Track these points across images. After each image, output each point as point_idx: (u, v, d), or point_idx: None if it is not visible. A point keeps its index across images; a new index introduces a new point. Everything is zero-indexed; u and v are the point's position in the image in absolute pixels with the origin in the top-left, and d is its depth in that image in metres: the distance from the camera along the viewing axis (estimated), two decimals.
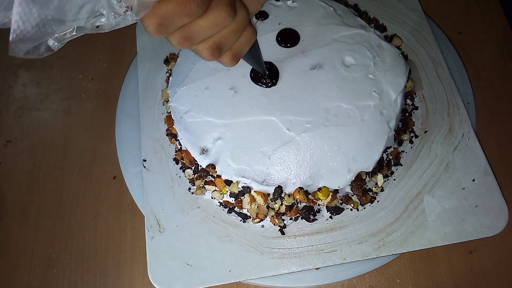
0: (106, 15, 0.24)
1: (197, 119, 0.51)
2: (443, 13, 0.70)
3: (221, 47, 0.33)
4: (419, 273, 0.53)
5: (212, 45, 0.32)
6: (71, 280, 0.55)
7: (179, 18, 0.28)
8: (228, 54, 0.35)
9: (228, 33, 0.32)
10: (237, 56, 0.35)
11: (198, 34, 0.30)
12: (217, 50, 0.32)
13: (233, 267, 0.49)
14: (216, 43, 0.32)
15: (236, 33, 0.32)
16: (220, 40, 0.32)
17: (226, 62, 0.35)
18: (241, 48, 0.35)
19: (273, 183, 0.48)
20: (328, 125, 0.48)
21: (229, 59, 0.35)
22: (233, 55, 0.35)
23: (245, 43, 0.35)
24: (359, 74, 0.51)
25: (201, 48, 0.32)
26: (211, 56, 0.33)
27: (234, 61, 0.36)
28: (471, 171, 0.52)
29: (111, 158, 0.61)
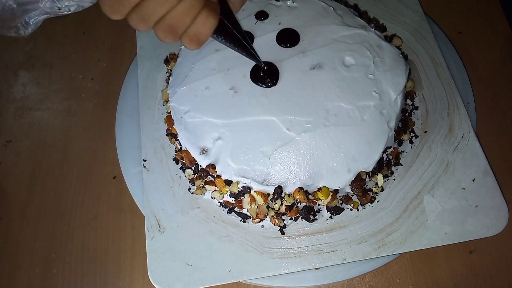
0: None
1: (197, 119, 0.51)
2: (443, 13, 0.70)
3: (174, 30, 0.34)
4: (419, 273, 0.53)
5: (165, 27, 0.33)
6: (71, 280, 0.55)
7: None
8: (185, 37, 0.35)
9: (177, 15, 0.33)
10: (196, 39, 0.36)
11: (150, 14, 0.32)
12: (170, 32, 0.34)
13: (233, 267, 0.49)
14: (167, 25, 0.33)
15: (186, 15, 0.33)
16: (170, 21, 0.33)
17: (185, 44, 0.36)
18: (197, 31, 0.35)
19: (273, 183, 0.48)
20: (328, 125, 0.48)
21: (188, 42, 0.36)
22: (190, 38, 0.36)
23: (202, 26, 0.35)
24: (359, 74, 0.51)
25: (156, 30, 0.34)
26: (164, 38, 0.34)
27: (193, 43, 0.36)
28: (471, 171, 0.52)
29: (111, 158, 0.61)
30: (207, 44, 0.55)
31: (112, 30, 0.73)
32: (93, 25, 0.74)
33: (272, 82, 0.50)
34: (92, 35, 0.73)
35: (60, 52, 0.72)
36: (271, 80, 0.50)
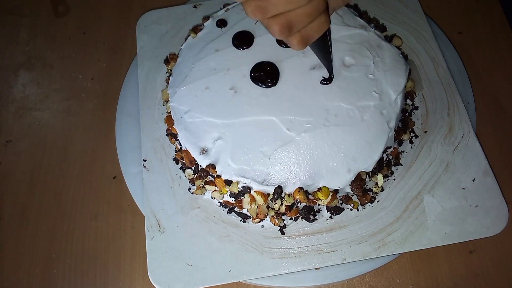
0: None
1: (197, 119, 0.51)
2: (443, 13, 0.70)
3: (291, 27, 0.33)
4: (419, 273, 0.53)
5: (283, 22, 0.33)
6: (71, 280, 0.55)
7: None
8: (297, 36, 0.35)
9: (301, 14, 0.32)
10: (305, 40, 0.36)
11: (273, 7, 0.31)
12: (287, 28, 0.33)
13: (233, 267, 0.49)
14: (288, 21, 0.33)
15: (308, 16, 0.33)
16: (291, 19, 0.32)
17: (293, 43, 0.36)
18: (311, 33, 0.35)
19: (273, 183, 0.48)
20: (328, 125, 0.48)
21: (297, 41, 0.36)
22: (301, 38, 0.35)
23: (315, 29, 0.35)
24: (359, 74, 0.51)
25: (272, 23, 0.33)
26: (279, 33, 0.33)
27: (302, 44, 0.36)
28: (471, 171, 0.52)
29: (111, 158, 0.61)
30: (207, 44, 0.55)
31: (112, 30, 0.73)
32: (93, 25, 0.74)
33: (272, 82, 0.50)
34: (92, 35, 0.73)
35: (60, 52, 0.72)
36: (271, 80, 0.50)
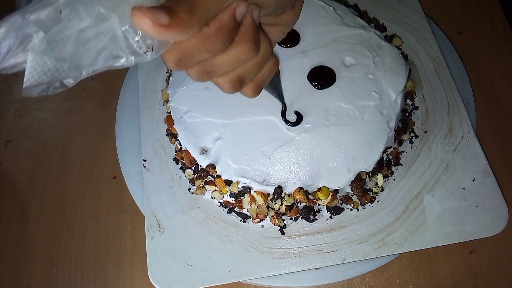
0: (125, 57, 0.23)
1: (197, 119, 0.51)
2: (443, 13, 0.70)
3: (242, 80, 0.31)
4: (419, 273, 0.53)
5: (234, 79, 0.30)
6: (71, 280, 0.55)
7: (200, 54, 0.26)
8: (251, 86, 0.33)
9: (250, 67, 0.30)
10: (259, 87, 0.34)
11: (219, 69, 0.29)
12: (239, 83, 0.31)
13: (233, 267, 0.49)
14: (238, 76, 0.30)
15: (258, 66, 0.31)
16: (241, 73, 0.30)
17: (248, 93, 0.34)
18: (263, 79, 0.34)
19: (273, 183, 0.48)
20: (328, 125, 0.48)
21: (251, 91, 0.34)
22: (256, 87, 0.33)
23: (267, 74, 0.34)
24: (359, 74, 0.51)
25: (221, 82, 0.31)
26: (232, 90, 0.31)
27: (256, 92, 0.34)
28: (471, 171, 0.52)
29: (111, 158, 0.61)
30: None
31: None
32: None
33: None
34: None
35: None
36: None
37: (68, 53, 0.22)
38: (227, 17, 0.26)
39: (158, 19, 0.21)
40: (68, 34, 0.21)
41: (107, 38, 0.22)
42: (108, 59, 0.23)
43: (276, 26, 0.35)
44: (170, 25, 0.22)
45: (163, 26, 0.22)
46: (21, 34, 0.20)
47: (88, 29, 0.21)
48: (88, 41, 0.22)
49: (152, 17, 0.21)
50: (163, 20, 0.22)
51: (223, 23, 0.25)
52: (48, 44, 0.21)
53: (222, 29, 0.26)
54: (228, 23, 0.26)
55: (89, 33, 0.21)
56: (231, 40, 0.27)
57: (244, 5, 0.26)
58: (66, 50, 0.21)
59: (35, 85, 0.22)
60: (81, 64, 0.22)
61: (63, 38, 0.21)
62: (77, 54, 0.22)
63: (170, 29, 0.22)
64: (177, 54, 0.26)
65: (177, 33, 0.23)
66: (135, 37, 0.22)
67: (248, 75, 0.31)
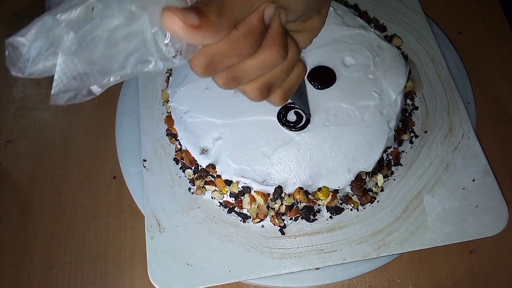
0: (154, 61, 0.23)
1: (197, 119, 0.51)
2: (443, 13, 0.70)
3: (270, 87, 0.30)
4: (419, 273, 0.53)
5: (262, 85, 0.29)
6: (71, 280, 0.55)
7: (228, 58, 0.26)
8: (279, 93, 0.32)
9: (278, 72, 0.29)
10: (287, 95, 0.33)
11: (246, 75, 0.28)
12: (267, 90, 0.30)
13: (233, 267, 0.49)
14: (266, 83, 0.29)
15: (287, 71, 0.30)
16: (270, 79, 0.29)
17: (275, 101, 0.32)
18: (291, 85, 0.32)
19: (273, 183, 0.48)
20: (328, 125, 0.48)
21: (279, 98, 0.32)
22: (284, 94, 0.32)
23: (295, 81, 0.32)
24: (359, 74, 0.51)
25: (249, 89, 0.30)
26: (260, 97, 0.30)
27: (284, 100, 0.33)
28: (471, 171, 0.52)
29: (111, 158, 0.61)
30: None
31: None
32: None
33: None
34: None
35: None
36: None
37: (98, 55, 0.21)
38: (255, 19, 0.25)
39: (188, 20, 0.21)
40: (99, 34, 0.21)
41: (137, 40, 0.21)
42: (137, 64, 0.22)
43: (303, 33, 0.34)
44: (201, 26, 0.21)
45: (193, 27, 0.21)
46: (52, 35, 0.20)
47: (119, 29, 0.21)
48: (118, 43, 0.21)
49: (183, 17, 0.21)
50: (193, 21, 0.21)
51: (251, 25, 0.25)
52: (78, 45, 0.20)
53: (251, 32, 0.25)
54: (257, 25, 0.25)
55: (120, 34, 0.21)
56: (260, 43, 0.26)
57: (273, 7, 0.26)
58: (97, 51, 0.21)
59: (63, 91, 0.21)
60: (110, 68, 0.22)
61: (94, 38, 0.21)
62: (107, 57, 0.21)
63: (200, 31, 0.22)
64: (206, 59, 0.25)
65: (207, 34, 0.22)
66: (164, 40, 0.22)
67: (276, 81, 0.30)
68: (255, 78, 0.29)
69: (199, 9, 0.22)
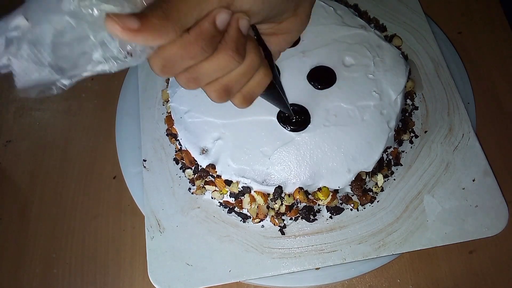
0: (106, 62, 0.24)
1: (197, 119, 0.51)
2: (443, 13, 0.70)
3: (229, 90, 0.31)
4: (419, 273, 0.53)
5: (219, 88, 0.31)
6: (71, 280, 0.55)
7: (182, 60, 0.27)
8: (238, 97, 0.33)
9: (235, 76, 0.31)
10: (248, 99, 0.34)
11: (203, 76, 0.29)
12: (225, 92, 0.31)
13: (233, 267, 0.49)
14: (224, 86, 0.31)
15: (245, 75, 0.31)
16: (227, 83, 0.31)
17: (236, 104, 0.34)
18: (252, 90, 0.33)
19: (273, 183, 0.48)
20: (328, 125, 0.48)
21: (239, 101, 0.34)
22: (243, 98, 0.33)
23: (256, 85, 0.33)
24: (359, 74, 0.51)
25: (209, 90, 0.31)
26: (218, 99, 0.32)
27: (245, 103, 0.34)
28: (471, 171, 0.52)
29: (111, 158, 0.61)
30: None
31: None
32: None
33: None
34: None
35: None
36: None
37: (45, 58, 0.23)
38: (207, 24, 0.26)
39: (127, 24, 0.23)
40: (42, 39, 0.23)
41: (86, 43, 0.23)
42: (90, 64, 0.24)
43: (278, 36, 0.35)
44: (140, 30, 0.23)
45: (132, 30, 0.23)
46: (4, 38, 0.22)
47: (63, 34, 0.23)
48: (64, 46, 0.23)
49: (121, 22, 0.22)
50: (132, 25, 0.23)
51: (203, 29, 0.26)
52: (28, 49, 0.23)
53: (202, 36, 0.26)
54: (208, 30, 0.26)
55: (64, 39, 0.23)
56: (213, 47, 0.27)
57: (225, 12, 0.27)
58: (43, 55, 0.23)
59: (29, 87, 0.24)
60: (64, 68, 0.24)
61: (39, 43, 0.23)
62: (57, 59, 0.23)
63: (141, 33, 0.23)
64: (161, 61, 0.27)
65: (149, 37, 0.24)
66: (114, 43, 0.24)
67: (234, 85, 0.31)
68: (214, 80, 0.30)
69: (141, 14, 0.23)
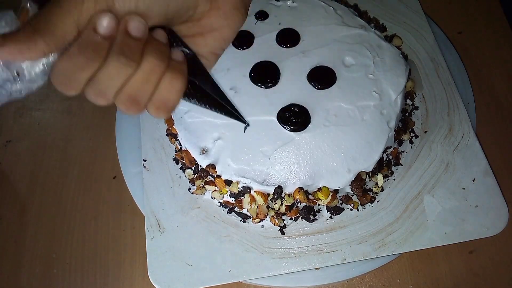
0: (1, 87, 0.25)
1: (197, 119, 0.51)
2: (443, 13, 0.70)
3: (135, 100, 0.29)
4: (419, 273, 0.53)
5: (124, 98, 0.28)
6: (71, 280, 0.55)
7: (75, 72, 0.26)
8: (151, 107, 0.30)
9: (136, 83, 0.28)
10: (163, 108, 0.30)
11: (105, 87, 0.27)
12: (131, 103, 0.29)
13: (233, 267, 0.49)
14: (128, 96, 0.28)
15: (146, 82, 0.28)
16: (131, 92, 0.28)
17: (152, 113, 0.31)
18: (164, 97, 0.30)
19: (273, 183, 0.48)
20: (328, 125, 0.48)
21: (153, 111, 0.30)
22: (156, 107, 0.30)
23: (167, 92, 0.30)
24: (359, 74, 0.51)
25: (118, 103, 0.29)
26: (128, 110, 0.29)
27: (161, 112, 0.31)
28: (471, 171, 0.52)
29: (111, 158, 0.61)
30: None
31: None
32: None
33: (272, 82, 0.50)
34: None
35: None
36: (271, 81, 0.50)
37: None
38: (86, 32, 0.25)
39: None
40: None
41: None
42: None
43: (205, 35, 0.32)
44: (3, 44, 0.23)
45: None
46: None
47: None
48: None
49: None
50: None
51: (84, 39, 0.25)
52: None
53: (85, 45, 0.25)
54: (89, 38, 0.25)
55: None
56: (101, 55, 0.26)
57: (105, 16, 0.25)
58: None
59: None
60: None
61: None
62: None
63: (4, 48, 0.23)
64: (56, 76, 0.26)
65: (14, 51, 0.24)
66: None
67: (139, 94, 0.29)
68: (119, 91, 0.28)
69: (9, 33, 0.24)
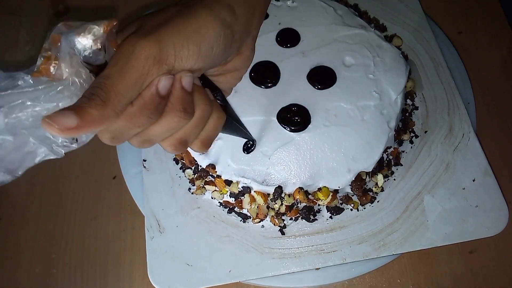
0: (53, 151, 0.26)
1: None
2: (443, 13, 0.70)
3: (184, 142, 0.31)
4: (419, 273, 0.53)
5: (175, 143, 0.30)
6: (70, 280, 0.55)
7: (130, 130, 0.27)
8: (196, 144, 0.33)
9: (189, 129, 0.30)
10: (206, 143, 0.33)
11: (155, 137, 0.29)
12: (181, 145, 0.31)
13: (233, 267, 0.49)
14: (178, 140, 0.30)
15: (197, 127, 0.31)
16: (182, 136, 0.30)
17: (196, 150, 0.34)
18: (209, 135, 0.33)
19: (273, 183, 0.48)
20: (328, 125, 0.48)
21: (198, 147, 0.33)
22: (201, 144, 0.33)
23: (211, 130, 0.33)
24: (359, 74, 0.51)
25: (164, 145, 0.31)
26: (176, 151, 0.31)
27: (204, 148, 0.34)
28: (471, 171, 0.52)
29: (111, 158, 0.61)
30: None
31: None
32: None
33: (272, 82, 0.50)
34: None
35: None
36: (271, 81, 0.50)
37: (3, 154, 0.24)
38: (149, 94, 0.26)
39: (64, 124, 0.22)
40: None
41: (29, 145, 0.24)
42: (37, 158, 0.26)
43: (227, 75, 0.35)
44: (80, 125, 0.23)
45: (71, 129, 0.22)
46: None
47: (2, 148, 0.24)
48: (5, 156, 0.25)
49: (57, 124, 0.22)
50: (70, 124, 0.22)
51: (146, 100, 0.26)
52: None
53: (146, 106, 0.26)
54: (152, 99, 0.26)
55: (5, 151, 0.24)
56: (159, 112, 0.27)
57: (166, 78, 0.26)
58: None
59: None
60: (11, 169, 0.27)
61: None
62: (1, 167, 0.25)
63: (82, 128, 0.23)
64: (109, 134, 0.27)
65: (91, 128, 0.24)
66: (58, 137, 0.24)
67: (189, 137, 0.31)
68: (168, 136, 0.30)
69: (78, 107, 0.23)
